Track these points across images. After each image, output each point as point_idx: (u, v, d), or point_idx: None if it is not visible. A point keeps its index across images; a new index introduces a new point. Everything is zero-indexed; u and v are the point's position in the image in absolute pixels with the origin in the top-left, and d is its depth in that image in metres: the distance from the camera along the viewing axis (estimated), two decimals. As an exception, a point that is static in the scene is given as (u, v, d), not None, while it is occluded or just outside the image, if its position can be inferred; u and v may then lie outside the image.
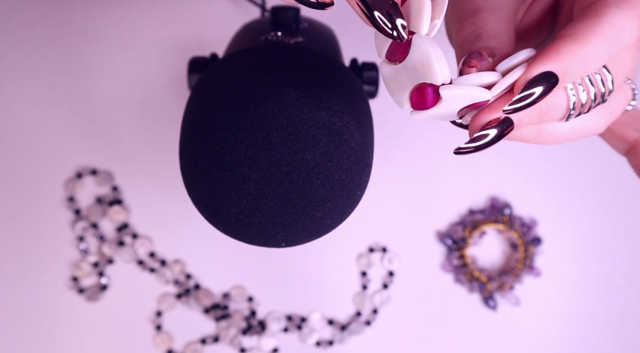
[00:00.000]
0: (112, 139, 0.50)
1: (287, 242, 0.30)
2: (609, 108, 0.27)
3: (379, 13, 0.21)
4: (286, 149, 0.28)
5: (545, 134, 0.27)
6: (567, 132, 0.27)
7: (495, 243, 0.52)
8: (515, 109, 0.23)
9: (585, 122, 0.27)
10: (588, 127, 0.27)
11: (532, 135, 0.27)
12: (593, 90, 0.25)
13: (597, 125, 0.27)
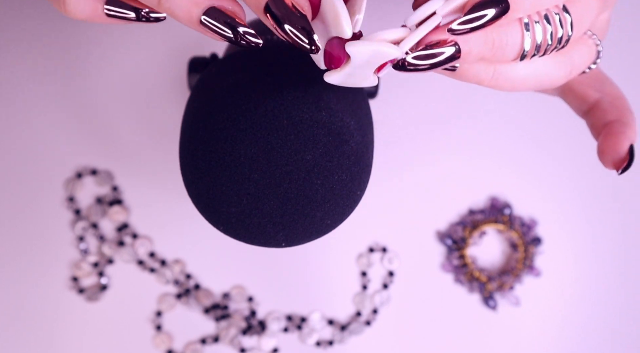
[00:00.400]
0: (112, 139, 0.50)
1: (287, 242, 0.30)
2: (570, 59, 0.27)
3: (290, 27, 0.21)
4: (286, 149, 0.28)
5: (501, 76, 0.26)
6: (524, 76, 0.26)
7: (495, 243, 0.52)
8: (464, 30, 0.22)
9: (545, 69, 0.26)
10: (547, 74, 0.26)
11: (488, 76, 0.26)
12: (550, 30, 0.24)
13: (557, 75, 0.27)
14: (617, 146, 0.29)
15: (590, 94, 0.31)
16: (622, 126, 0.29)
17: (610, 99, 0.31)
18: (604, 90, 0.31)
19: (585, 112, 0.32)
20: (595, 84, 0.31)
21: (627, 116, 0.30)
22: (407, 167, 0.51)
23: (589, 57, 0.28)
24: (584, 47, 0.27)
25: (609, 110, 0.30)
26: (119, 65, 0.50)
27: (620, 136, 0.29)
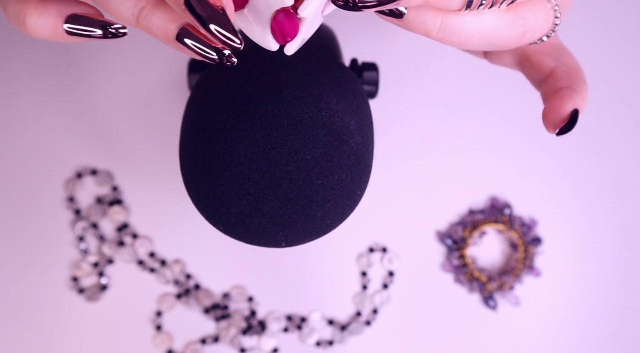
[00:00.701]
0: (112, 139, 0.50)
1: (287, 242, 0.30)
2: (523, 19, 0.26)
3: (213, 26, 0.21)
4: (286, 149, 0.28)
5: (448, 28, 0.25)
6: (472, 30, 0.25)
7: (495, 243, 0.52)
8: None
9: (495, 26, 0.25)
10: (498, 33, 0.25)
11: (435, 26, 0.25)
12: None
13: (508, 35, 0.26)
14: (560, 108, 0.28)
15: (546, 63, 0.30)
16: (571, 91, 0.29)
17: (565, 68, 0.30)
18: (561, 60, 0.30)
19: (540, 82, 0.31)
20: (552, 54, 0.31)
21: (580, 85, 0.29)
22: (407, 167, 0.51)
23: (545, 23, 0.27)
24: (541, 11, 0.26)
25: (562, 78, 0.30)
26: (119, 65, 0.50)
27: (565, 99, 0.28)
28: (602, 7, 0.52)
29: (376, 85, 0.40)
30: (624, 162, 0.51)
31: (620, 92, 0.51)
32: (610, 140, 0.51)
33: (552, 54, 0.31)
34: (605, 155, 0.51)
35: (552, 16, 0.27)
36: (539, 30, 0.27)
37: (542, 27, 0.27)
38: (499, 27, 0.25)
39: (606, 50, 0.52)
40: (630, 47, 0.52)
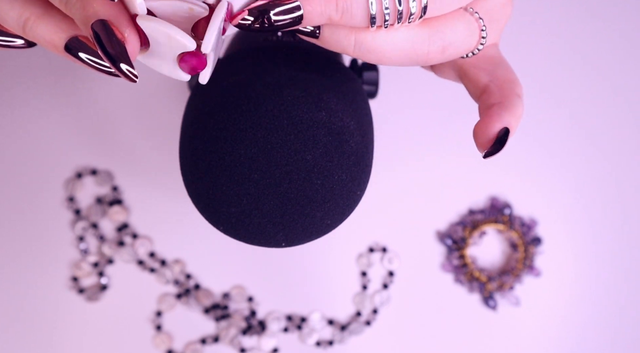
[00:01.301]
0: (112, 139, 0.50)
1: (287, 242, 0.30)
2: (441, 34, 0.25)
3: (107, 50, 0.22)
4: (286, 149, 0.28)
5: (363, 46, 0.25)
6: (388, 48, 0.25)
7: (495, 243, 0.52)
8: None
9: (410, 42, 0.25)
10: (414, 49, 0.25)
11: (350, 44, 0.25)
12: None
13: (426, 51, 0.25)
14: (487, 127, 0.27)
15: (480, 77, 0.29)
16: (501, 109, 0.27)
17: (499, 82, 0.29)
18: (496, 74, 0.29)
19: (478, 97, 0.30)
20: (487, 67, 0.29)
21: (512, 101, 0.28)
22: (407, 167, 0.51)
23: (469, 37, 0.26)
24: (460, 24, 0.26)
25: (494, 94, 0.28)
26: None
27: (494, 117, 0.27)
28: (602, 7, 0.52)
29: (376, 85, 0.40)
30: (624, 162, 0.51)
31: (620, 92, 0.51)
32: (610, 140, 0.51)
33: (487, 67, 0.29)
34: (605, 155, 0.51)
35: (476, 29, 0.26)
36: (462, 45, 0.26)
37: (465, 41, 0.26)
38: (414, 43, 0.25)
39: (606, 50, 0.52)
40: (630, 47, 0.52)
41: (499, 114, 0.27)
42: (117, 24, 0.21)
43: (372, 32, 0.24)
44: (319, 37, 0.25)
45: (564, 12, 0.52)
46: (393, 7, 0.23)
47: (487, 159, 0.27)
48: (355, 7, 0.23)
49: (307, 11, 0.23)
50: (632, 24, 0.52)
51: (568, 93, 0.51)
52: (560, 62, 0.51)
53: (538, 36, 0.51)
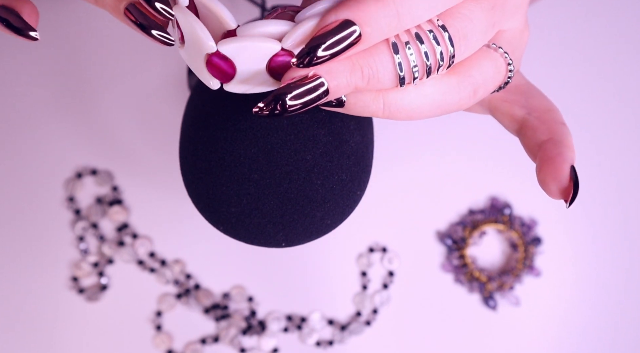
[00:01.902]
0: (112, 139, 0.50)
1: (287, 242, 0.30)
2: (470, 78, 0.24)
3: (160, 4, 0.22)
4: (286, 149, 0.28)
5: (392, 107, 0.24)
6: (418, 104, 0.24)
7: (495, 243, 0.52)
8: (324, 57, 0.21)
9: (440, 93, 0.24)
10: (445, 99, 0.24)
11: (379, 107, 0.24)
12: (424, 49, 0.22)
13: (458, 98, 0.24)
14: (557, 173, 0.25)
15: (516, 112, 0.28)
16: (557, 146, 0.26)
17: (538, 114, 0.27)
18: (531, 105, 0.28)
19: (517, 131, 0.29)
20: (520, 100, 0.28)
21: (560, 131, 0.27)
22: (407, 167, 0.51)
23: (496, 72, 0.25)
24: (486, 62, 0.24)
25: (539, 128, 0.27)
26: (119, 65, 0.50)
27: (557, 159, 0.26)
28: (602, 7, 0.52)
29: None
30: (624, 162, 0.51)
31: (620, 92, 0.52)
32: (611, 140, 0.51)
33: (519, 99, 0.28)
34: (605, 155, 0.51)
35: (503, 64, 0.25)
36: (491, 83, 0.25)
37: (494, 78, 0.25)
38: (444, 94, 0.24)
39: (606, 50, 0.52)
40: (631, 47, 0.52)
41: (560, 154, 0.26)
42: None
43: (400, 92, 0.23)
44: (344, 106, 0.23)
45: (564, 11, 0.52)
46: (421, 64, 0.22)
47: (570, 207, 0.25)
48: (382, 71, 0.22)
49: (332, 86, 0.22)
50: (633, 24, 0.52)
51: (568, 93, 0.51)
52: (560, 62, 0.51)
53: (538, 36, 0.51)
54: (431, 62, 0.22)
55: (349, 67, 0.22)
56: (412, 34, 0.22)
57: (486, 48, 0.25)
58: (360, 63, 0.22)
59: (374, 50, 0.22)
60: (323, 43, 0.20)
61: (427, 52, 0.22)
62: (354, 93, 0.23)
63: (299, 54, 0.21)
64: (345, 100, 0.23)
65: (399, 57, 0.22)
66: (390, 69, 0.22)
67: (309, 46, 0.21)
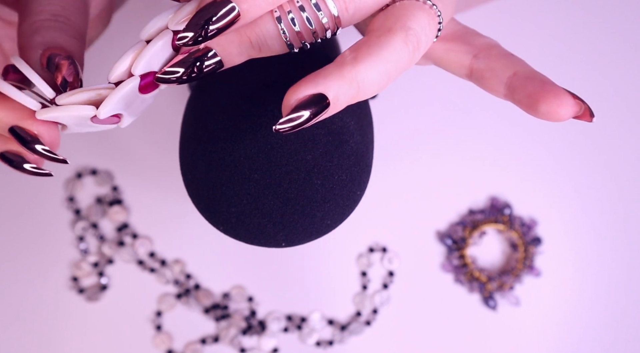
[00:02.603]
0: (112, 139, 0.50)
1: (287, 242, 0.30)
2: (411, 31, 0.24)
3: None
4: (286, 149, 0.28)
5: (365, 85, 0.24)
6: (383, 74, 0.24)
7: (495, 243, 0.52)
8: (212, 31, 0.22)
9: (394, 58, 0.24)
10: (399, 61, 0.24)
11: (356, 92, 0.24)
12: (305, 16, 0.24)
13: (407, 56, 0.24)
14: (559, 96, 0.25)
15: (462, 58, 0.28)
16: (531, 75, 0.26)
17: (484, 53, 0.27)
18: (474, 47, 0.28)
19: (469, 76, 0.28)
20: (461, 45, 0.28)
21: (517, 62, 0.26)
22: (407, 167, 0.51)
23: (430, 20, 0.25)
24: (418, 12, 0.25)
25: (495, 67, 0.27)
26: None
27: (547, 86, 0.25)
28: (602, 7, 0.52)
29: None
30: (624, 162, 0.51)
31: (620, 92, 0.51)
32: (611, 139, 0.51)
33: (461, 45, 0.28)
34: (605, 155, 0.51)
35: (432, 12, 0.25)
36: (430, 32, 0.25)
37: (430, 26, 0.25)
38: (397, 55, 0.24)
39: (606, 49, 0.52)
40: (631, 46, 0.52)
41: (542, 80, 0.26)
42: (23, 126, 0.25)
43: (368, 70, 0.24)
44: (330, 106, 0.24)
45: (564, 11, 0.52)
46: (305, 30, 0.24)
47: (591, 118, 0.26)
48: (270, 39, 0.24)
49: (224, 56, 0.24)
50: (633, 24, 0.52)
51: (568, 93, 0.51)
52: (560, 62, 0.51)
53: (537, 35, 0.51)
54: (315, 26, 0.24)
55: (237, 38, 0.24)
56: (295, 3, 0.24)
57: (414, 1, 0.25)
58: (248, 34, 0.24)
59: (260, 21, 0.24)
60: (205, 19, 0.22)
61: (309, 17, 0.24)
62: (335, 90, 0.23)
63: (189, 32, 0.22)
64: (330, 102, 0.23)
65: (282, 25, 0.24)
66: (276, 36, 0.24)
67: (193, 24, 0.22)
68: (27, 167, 0.27)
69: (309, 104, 0.22)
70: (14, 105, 0.24)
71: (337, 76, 0.23)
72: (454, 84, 0.51)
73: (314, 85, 0.23)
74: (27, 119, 0.25)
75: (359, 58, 0.23)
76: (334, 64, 0.23)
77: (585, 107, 0.26)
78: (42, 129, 0.25)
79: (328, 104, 0.23)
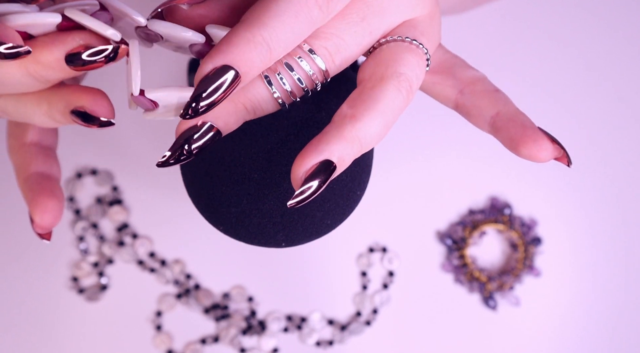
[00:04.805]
0: (112, 139, 0.50)
1: (287, 242, 0.30)
2: (402, 76, 0.25)
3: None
4: (286, 149, 0.28)
5: (366, 141, 0.24)
6: (383, 126, 0.25)
7: (495, 243, 0.52)
8: (193, 113, 0.22)
9: (390, 108, 0.25)
10: (395, 109, 0.25)
11: (360, 149, 0.24)
12: (296, 76, 0.24)
13: (402, 101, 0.25)
14: (539, 142, 0.26)
15: (447, 92, 0.28)
16: (514, 119, 0.26)
17: (469, 88, 0.28)
18: (459, 80, 0.28)
19: (455, 109, 0.29)
20: (447, 78, 0.28)
21: (502, 101, 0.27)
22: (407, 167, 0.51)
23: (419, 61, 0.25)
24: (407, 55, 0.25)
25: (479, 105, 0.27)
26: (119, 65, 0.50)
27: (528, 131, 0.26)
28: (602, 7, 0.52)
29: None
30: (624, 162, 0.51)
31: (620, 91, 0.51)
32: (610, 139, 0.51)
33: (446, 78, 0.28)
34: (605, 154, 0.51)
35: (420, 52, 0.26)
36: (420, 73, 0.26)
37: (419, 67, 0.25)
38: (392, 104, 0.25)
39: (606, 49, 0.52)
40: (631, 46, 0.52)
41: (524, 125, 0.26)
42: None
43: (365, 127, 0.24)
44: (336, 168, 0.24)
45: (564, 11, 0.52)
46: (297, 88, 0.24)
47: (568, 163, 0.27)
48: (263, 103, 0.24)
49: (221, 126, 0.24)
50: (633, 24, 0.52)
51: (568, 93, 0.51)
52: (560, 62, 0.51)
53: (536, 35, 0.51)
54: (306, 83, 0.24)
55: (232, 107, 0.24)
56: (283, 63, 0.24)
57: (400, 43, 0.25)
58: (242, 101, 0.24)
59: (251, 87, 0.24)
60: (204, 91, 0.22)
61: (299, 77, 0.24)
62: (338, 153, 0.23)
63: (185, 108, 0.22)
64: (336, 165, 0.23)
65: (274, 87, 0.24)
66: (268, 99, 0.24)
67: (192, 99, 0.22)
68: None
69: (317, 173, 0.23)
70: None
71: (338, 138, 0.23)
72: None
73: (318, 153, 0.23)
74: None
75: (357, 115, 0.23)
76: (333, 125, 0.23)
77: (564, 152, 0.27)
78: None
79: (334, 167, 0.23)
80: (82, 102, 0.24)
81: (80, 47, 0.23)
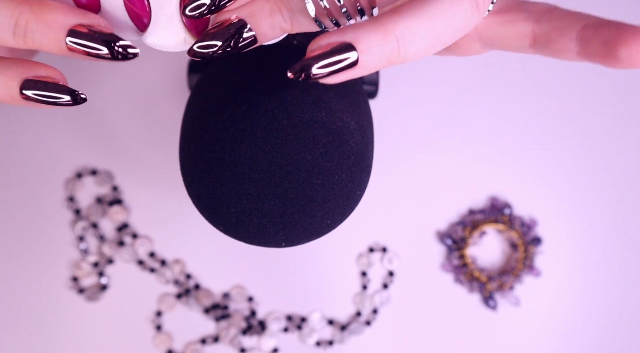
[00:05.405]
0: (112, 139, 0.50)
1: (287, 242, 0.30)
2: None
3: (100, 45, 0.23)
4: (286, 149, 0.28)
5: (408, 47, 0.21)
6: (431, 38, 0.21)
7: (495, 243, 0.52)
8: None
9: (445, 20, 0.21)
10: (451, 23, 0.21)
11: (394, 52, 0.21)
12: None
13: (463, 17, 0.21)
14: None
15: (522, 27, 0.25)
16: (602, 23, 0.23)
17: (544, 18, 0.25)
18: (532, 14, 0.25)
19: (533, 46, 0.26)
20: (518, 14, 0.25)
21: (583, 15, 0.24)
22: (407, 167, 0.51)
23: None
24: None
25: (562, 27, 0.24)
26: (119, 65, 0.50)
27: (623, 26, 0.22)
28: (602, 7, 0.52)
29: (376, 85, 0.40)
30: (624, 162, 0.52)
31: (620, 91, 0.52)
32: (611, 139, 0.51)
33: (518, 14, 0.25)
34: (605, 154, 0.51)
35: None
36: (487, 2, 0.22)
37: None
38: (447, 17, 0.21)
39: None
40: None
41: (616, 23, 0.22)
42: (89, 24, 0.22)
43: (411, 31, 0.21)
44: (358, 63, 0.21)
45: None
46: (335, 7, 0.22)
47: None
48: (298, 13, 0.22)
49: (257, 30, 0.22)
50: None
51: (568, 92, 0.51)
52: (560, 62, 0.51)
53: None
54: (344, 2, 0.21)
55: (267, 7, 0.22)
56: None
57: None
58: (277, 3, 0.22)
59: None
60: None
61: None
62: (365, 41, 0.20)
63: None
64: (358, 54, 0.20)
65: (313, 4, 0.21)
66: (303, 9, 0.22)
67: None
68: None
69: (333, 52, 0.19)
70: None
71: (371, 26, 0.19)
72: (454, 84, 0.51)
73: (341, 33, 0.19)
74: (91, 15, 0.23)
75: (399, 10, 0.20)
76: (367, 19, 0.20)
77: None
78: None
79: (356, 61, 0.19)
80: (37, 71, 0.23)
81: (83, 27, 0.22)
